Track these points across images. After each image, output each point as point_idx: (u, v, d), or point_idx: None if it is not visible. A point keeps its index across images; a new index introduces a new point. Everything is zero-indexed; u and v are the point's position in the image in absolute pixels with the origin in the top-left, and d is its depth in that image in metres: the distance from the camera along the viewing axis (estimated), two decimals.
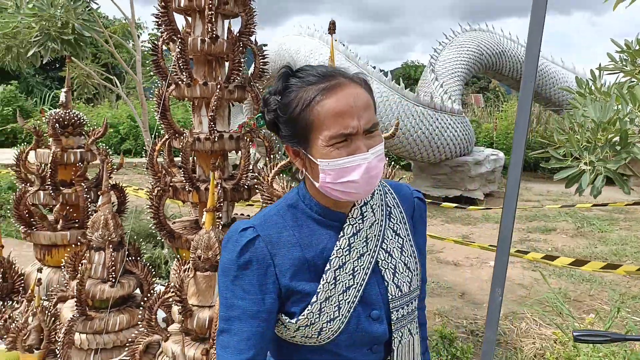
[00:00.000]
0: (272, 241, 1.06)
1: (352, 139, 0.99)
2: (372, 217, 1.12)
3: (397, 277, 1.11)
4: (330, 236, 1.09)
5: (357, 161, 1.00)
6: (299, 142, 1.05)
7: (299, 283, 1.05)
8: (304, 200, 1.11)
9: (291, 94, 1.03)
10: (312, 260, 1.06)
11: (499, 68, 10.93)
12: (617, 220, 7.85)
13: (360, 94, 1.01)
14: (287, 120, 1.04)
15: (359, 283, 1.08)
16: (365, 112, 1.00)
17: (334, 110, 0.98)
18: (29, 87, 21.71)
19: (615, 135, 2.03)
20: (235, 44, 2.56)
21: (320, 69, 1.03)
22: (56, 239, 2.91)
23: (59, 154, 2.87)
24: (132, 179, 10.65)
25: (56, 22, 3.84)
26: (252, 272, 1.04)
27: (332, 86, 1.00)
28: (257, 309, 1.04)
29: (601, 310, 4.20)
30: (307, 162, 1.07)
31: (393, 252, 1.13)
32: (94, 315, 2.44)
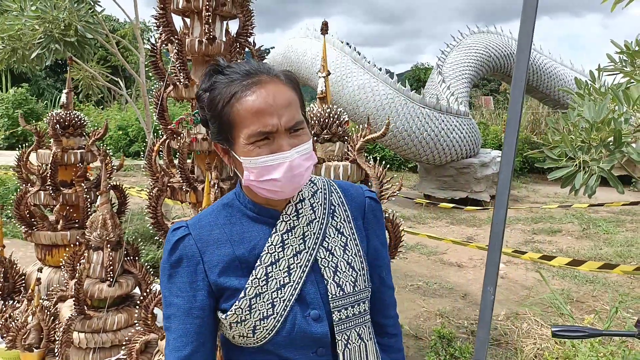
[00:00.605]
0: (202, 239, 1.06)
1: (273, 137, 0.98)
2: (312, 215, 1.10)
3: (338, 276, 1.08)
4: (263, 233, 1.07)
5: (279, 159, 0.98)
6: (224, 140, 1.04)
7: (228, 279, 1.05)
8: (239, 198, 1.11)
9: (215, 90, 1.01)
10: (242, 257, 1.06)
11: (507, 70, 10.87)
12: (623, 222, 7.77)
13: (282, 91, 0.99)
14: (211, 117, 1.03)
15: (295, 281, 1.05)
16: (286, 110, 0.98)
17: (252, 108, 0.97)
18: (39, 90, 21.99)
19: (609, 135, 2.02)
20: (232, 45, 2.58)
21: (245, 65, 1.02)
22: (56, 239, 2.95)
23: (60, 154, 2.91)
24: (140, 180, 10.73)
25: (59, 24, 3.89)
26: (183, 269, 1.05)
27: (253, 83, 0.98)
28: (190, 306, 1.05)
29: (602, 310, 4.17)
30: (233, 160, 1.06)
31: (335, 250, 1.10)
32: (93, 315, 2.47)
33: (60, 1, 3.83)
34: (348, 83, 8.82)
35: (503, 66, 10.79)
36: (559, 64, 11.33)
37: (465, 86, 10.05)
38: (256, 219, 1.08)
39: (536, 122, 13.65)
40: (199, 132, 2.62)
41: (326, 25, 1.91)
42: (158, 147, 2.66)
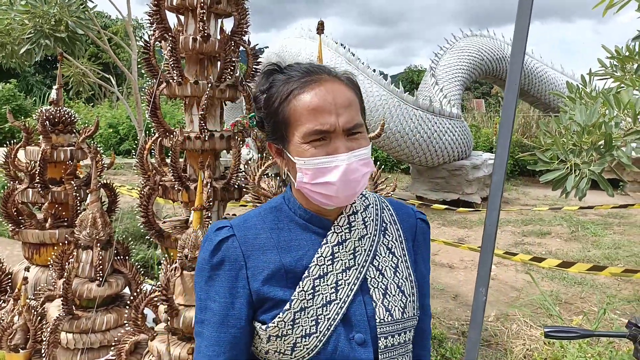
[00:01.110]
0: (248, 242, 0.99)
1: (330, 138, 0.93)
2: (363, 230, 1.03)
3: (387, 299, 1.00)
4: (312, 243, 1.00)
5: (335, 162, 0.93)
6: (279, 139, 0.99)
7: (272, 288, 0.98)
8: (288, 203, 1.05)
9: (272, 88, 0.99)
10: (289, 266, 0.98)
11: (500, 74, 10.95)
12: (611, 224, 7.86)
13: (343, 91, 0.95)
14: (267, 115, 1.00)
15: (342, 299, 0.97)
16: (346, 110, 0.94)
17: (309, 104, 0.93)
18: (28, 86, 21.72)
19: (600, 138, 2.04)
20: (227, 43, 2.57)
21: (305, 65, 0.99)
22: (44, 238, 2.90)
23: (49, 151, 2.87)
24: (130, 179, 10.65)
25: (50, 20, 3.84)
26: (224, 273, 0.99)
27: (312, 80, 0.95)
28: (226, 314, 0.98)
29: (590, 312, 4.21)
30: (287, 160, 1.01)
31: (385, 271, 1.02)
32: (81, 315, 2.43)
33: None
34: None
35: (495, 69, 10.86)
36: (550, 68, 11.44)
37: (458, 89, 10.10)
38: (305, 226, 1.02)
39: (527, 125, 13.77)
40: (191, 131, 2.61)
41: (322, 24, 1.91)
42: (150, 145, 2.64)
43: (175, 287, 2.12)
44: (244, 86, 2.67)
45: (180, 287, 2.12)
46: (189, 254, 2.09)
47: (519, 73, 1.75)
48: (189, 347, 2.04)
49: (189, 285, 2.12)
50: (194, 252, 2.09)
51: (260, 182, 2.03)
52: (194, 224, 2.12)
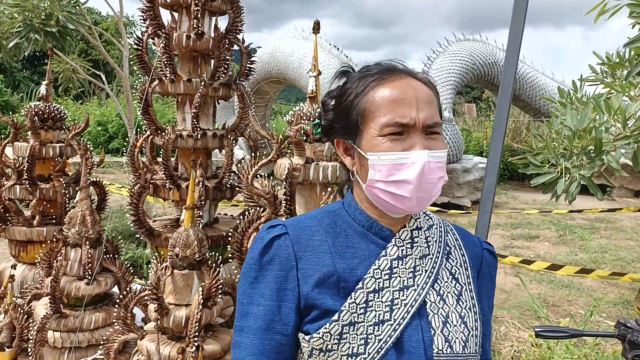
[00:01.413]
0: (301, 242, 0.92)
1: (408, 133, 0.87)
2: (426, 249, 0.95)
3: (447, 329, 0.89)
4: (370, 253, 0.92)
5: (413, 158, 0.86)
6: (349, 135, 0.94)
7: (321, 295, 0.89)
8: (348, 208, 0.98)
9: (347, 84, 0.96)
10: (342, 273, 0.90)
11: (491, 78, 11.04)
12: (598, 229, 7.96)
13: (423, 88, 0.91)
14: (340, 111, 0.95)
15: (397, 321, 0.88)
16: (426, 105, 0.88)
17: (389, 95, 0.88)
18: (15, 82, 21.43)
19: (591, 143, 2.07)
20: (221, 42, 2.55)
21: (383, 62, 0.95)
22: (32, 235, 2.86)
23: (37, 147, 2.83)
24: (119, 178, 10.55)
25: (40, 13, 3.79)
26: (272, 273, 0.91)
27: (391, 74, 0.91)
28: (271, 319, 0.90)
29: (577, 314, 4.27)
30: (356, 158, 0.94)
31: (447, 297, 0.92)
32: (69, 313, 2.40)
33: None
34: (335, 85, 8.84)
35: (487, 74, 10.95)
36: (541, 74, 11.56)
37: (450, 93, 10.17)
38: (364, 234, 0.94)
39: (517, 130, 13.90)
40: (183, 129, 2.59)
41: (318, 24, 1.90)
42: (141, 143, 2.62)
43: (165, 286, 2.10)
44: (237, 85, 2.66)
45: (171, 286, 2.10)
46: (180, 253, 2.07)
47: (512, 77, 1.77)
48: (179, 347, 2.03)
49: (179, 284, 2.11)
50: (185, 251, 2.07)
51: (254, 182, 2.02)
52: (185, 222, 2.10)
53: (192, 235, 2.08)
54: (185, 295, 2.10)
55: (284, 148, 2.03)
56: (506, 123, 1.80)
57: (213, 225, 2.70)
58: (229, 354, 2.20)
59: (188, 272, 2.10)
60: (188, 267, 2.10)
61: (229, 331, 2.28)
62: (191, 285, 2.10)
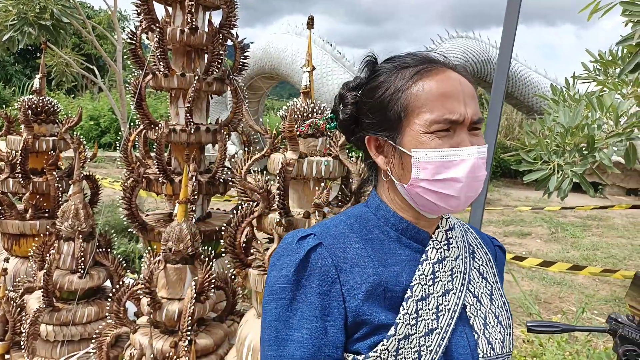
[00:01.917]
0: (338, 252, 0.83)
1: (455, 130, 0.82)
2: (456, 250, 0.90)
3: (488, 330, 0.87)
4: (408, 258, 0.86)
5: (462, 155, 0.81)
6: (386, 131, 0.86)
7: (371, 309, 0.80)
8: (376, 212, 0.90)
9: (380, 77, 0.87)
10: (388, 283, 0.82)
11: (484, 76, 11.07)
12: (589, 226, 8.03)
13: (467, 82, 0.85)
14: (373, 106, 0.87)
15: (443, 328, 0.83)
16: (472, 100, 0.84)
17: (438, 90, 0.82)
18: (7, 76, 21.23)
19: (583, 140, 2.09)
20: (215, 36, 2.55)
21: (418, 53, 0.89)
22: (25, 229, 2.85)
23: (31, 141, 2.82)
24: (111, 172, 10.50)
25: (34, 7, 3.77)
26: (313, 290, 0.81)
27: (434, 68, 0.85)
28: (318, 343, 0.79)
29: (569, 311, 4.30)
30: (393, 157, 0.87)
31: (482, 298, 0.89)
32: (61, 307, 2.40)
33: None
34: (328, 81, 8.84)
35: (480, 71, 10.98)
36: (534, 72, 11.61)
37: None
38: (398, 239, 0.88)
39: (510, 127, 13.97)
40: (177, 124, 2.58)
41: (312, 19, 1.90)
42: (134, 137, 2.61)
43: (158, 280, 2.10)
44: (231, 80, 2.65)
45: (164, 280, 2.11)
46: (173, 247, 2.07)
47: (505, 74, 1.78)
48: (171, 341, 2.03)
49: (172, 278, 2.11)
50: (178, 245, 2.07)
51: (247, 177, 2.03)
52: (178, 216, 2.10)
53: (185, 230, 2.08)
54: (178, 290, 2.11)
55: (277, 143, 2.03)
56: (499, 120, 1.81)
57: (206, 220, 2.70)
58: (221, 348, 2.21)
59: (181, 266, 2.10)
60: (181, 261, 2.10)
61: (222, 325, 2.28)
62: (184, 280, 2.11)
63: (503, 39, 1.91)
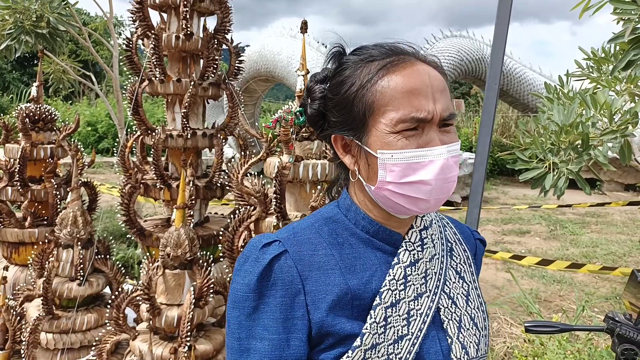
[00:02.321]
0: (304, 260, 0.80)
1: (424, 128, 0.77)
2: (432, 249, 0.86)
3: (462, 334, 0.84)
4: (379, 262, 0.83)
5: (430, 156, 0.76)
6: (352, 130, 0.82)
7: (337, 319, 0.78)
8: (347, 213, 0.86)
9: (346, 70, 0.83)
10: (356, 291, 0.79)
11: (479, 74, 11.11)
12: (588, 223, 8.04)
13: (436, 75, 0.80)
14: (338, 103, 0.83)
15: (414, 334, 0.80)
16: (442, 95, 0.79)
17: (404, 86, 0.77)
18: (5, 83, 21.25)
19: (578, 138, 2.10)
20: (210, 42, 2.56)
21: (385, 44, 0.84)
22: (24, 237, 2.85)
23: (29, 149, 2.82)
24: (109, 178, 10.50)
25: (31, 16, 3.78)
26: (276, 300, 0.78)
27: (401, 60, 0.79)
28: (279, 354, 0.77)
29: (569, 309, 4.31)
30: (360, 157, 0.83)
31: (457, 299, 0.86)
32: (61, 314, 2.40)
33: None
34: None
35: (474, 70, 11.02)
36: (529, 69, 11.65)
37: None
38: (369, 242, 0.84)
39: (506, 125, 14.00)
40: (173, 129, 2.59)
41: (306, 24, 1.92)
42: (131, 143, 2.62)
43: (157, 286, 2.10)
44: (226, 84, 2.66)
45: (162, 285, 2.11)
46: (171, 252, 2.08)
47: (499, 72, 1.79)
48: (171, 347, 2.03)
49: (171, 284, 2.11)
50: (176, 250, 2.08)
51: (244, 180, 2.03)
52: (176, 222, 2.11)
53: (184, 235, 2.08)
54: (177, 295, 2.11)
55: (273, 147, 2.03)
56: (493, 118, 1.82)
57: (204, 225, 2.70)
58: (221, 354, 2.21)
59: (179, 271, 2.10)
60: (179, 266, 2.10)
61: (221, 331, 2.29)
62: (183, 285, 2.11)
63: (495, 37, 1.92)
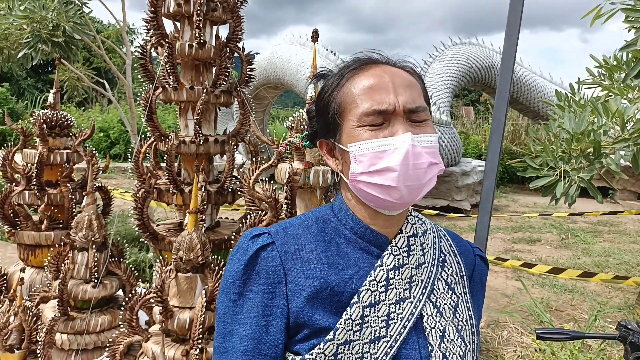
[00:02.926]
0: (289, 253, 0.84)
1: (389, 121, 0.82)
2: (421, 257, 0.88)
3: (445, 344, 0.84)
4: (364, 263, 0.86)
5: (395, 144, 0.80)
6: (330, 133, 0.89)
7: (313, 311, 0.81)
8: (338, 213, 0.90)
9: (325, 85, 0.90)
10: (335, 287, 0.83)
11: (488, 81, 11.09)
12: (600, 232, 7.95)
13: (401, 74, 0.85)
14: (318, 111, 0.91)
15: (392, 337, 0.82)
16: (406, 90, 0.83)
17: (364, 85, 0.83)
18: (20, 90, 21.61)
19: (589, 146, 2.10)
20: (222, 50, 2.61)
21: (362, 56, 0.89)
22: (40, 239, 2.91)
23: (46, 154, 2.88)
24: (121, 183, 10.61)
25: (47, 25, 3.88)
26: (259, 288, 0.83)
27: (366, 63, 0.86)
28: (258, 339, 0.82)
29: (581, 319, 4.26)
30: (339, 156, 0.89)
31: (444, 309, 0.87)
32: (76, 316, 2.44)
33: (49, 2, 3.83)
34: None
35: (484, 77, 11.00)
36: (539, 77, 11.61)
37: (447, 96, 10.21)
38: (356, 242, 0.87)
39: (516, 132, 13.94)
40: (186, 135, 2.63)
41: (317, 33, 1.95)
42: (145, 149, 2.67)
43: (169, 289, 2.14)
44: (238, 91, 2.71)
45: (175, 288, 2.14)
46: (184, 256, 2.11)
47: (509, 80, 1.81)
48: (183, 349, 2.06)
49: (183, 287, 2.14)
50: (189, 254, 2.11)
51: (255, 186, 2.06)
52: (189, 226, 2.14)
53: (196, 239, 2.12)
54: (189, 298, 2.14)
55: (284, 153, 2.06)
56: (504, 126, 1.84)
57: (215, 229, 2.74)
58: None
59: (191, 275, 2.13)
60: (192, 270, 2.13)
61: None
62: (194, 288, 2.14)
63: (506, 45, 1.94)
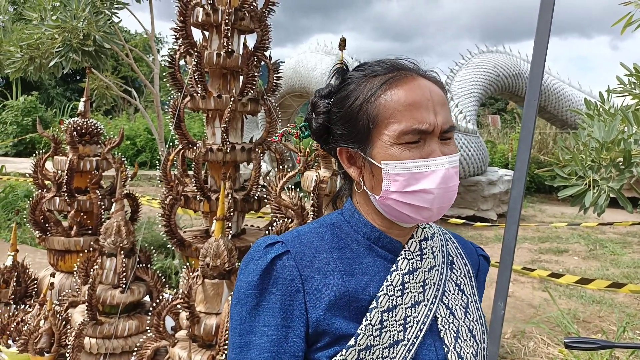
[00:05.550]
0: (304, 261, 0.83)
1: (425, 140, 0.81)
2: (432, 260, 0.89)
3: (459, 344, 0.86)
4: (379, 268, 0.85)
5: (432, 166, 0.80)
6: (356, 143, 0.85)
7: (334, 319, 0.81)
8: (349, 220, 0.90)
9: (350, 85, 0.87)
10: (354, 293, 0.82)
11: (516, 90, 10.93)
12: (630, 243, 7.73)
13: (436, 90, 0.84)
14: (343, 116, 0.87)
15: (410, 340, 0.82)
16: (442, 109, 0.83)
17: (406, 100, 0.81)
18: (49, 98, 22.27)
19: (619, 155, 2.06)
20: (249, 59, 2.65)
21: (387, 60, 0.88)
22: (69, 245, 2.99)
23: (76, 161, 2.96)
24: (147, 190, 10.79)
25: (78, 34, 3.99)
26: (276, 298, 0.81)
27: (403, 75, 0.84)
28: (278, 349, 0.80)
29: (609, 330, 4.15)
30: (365, 169, 0.86)
31: (456, 310, 0.88)
32: (104, 320, 2.49)
33: (80, 11, 3.95)
34: None
35: (511, 86, 10.86)
36: (567, 85, 11.40)
37: (474, 104, 10.11)
38: (370, 248, 0.87)
39: (544, 141, 13.69)
40: (213, 143, 2.67)
41: (344, 41, 1.97)
42: (173, 157, 2.72)
43: (196, 294, 2.17)
44: (265, 100, 2.74)
45: (202, 295, 2.17)
46: (211, 263, 2.14)
47: (538, 88, 1.79)
48: (209, 355, 2.08)
49: (209, 293, 2.17)
50: (215, 260, 2.14)
51: (282, 194, 2.08)
52: (216, 233, 2.17)
53: (222, 246, 2.14)
54: (216, 304, 2.16)
55: (310, 161, 2.08)
56: (532, 134, 1.82)
57: (241, 236, 2.76)
58: None
59: (218, 281, 2.16)
60: (218, 276, 2.16)
61: None
62: (221, 294, 2.16)
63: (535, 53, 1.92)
